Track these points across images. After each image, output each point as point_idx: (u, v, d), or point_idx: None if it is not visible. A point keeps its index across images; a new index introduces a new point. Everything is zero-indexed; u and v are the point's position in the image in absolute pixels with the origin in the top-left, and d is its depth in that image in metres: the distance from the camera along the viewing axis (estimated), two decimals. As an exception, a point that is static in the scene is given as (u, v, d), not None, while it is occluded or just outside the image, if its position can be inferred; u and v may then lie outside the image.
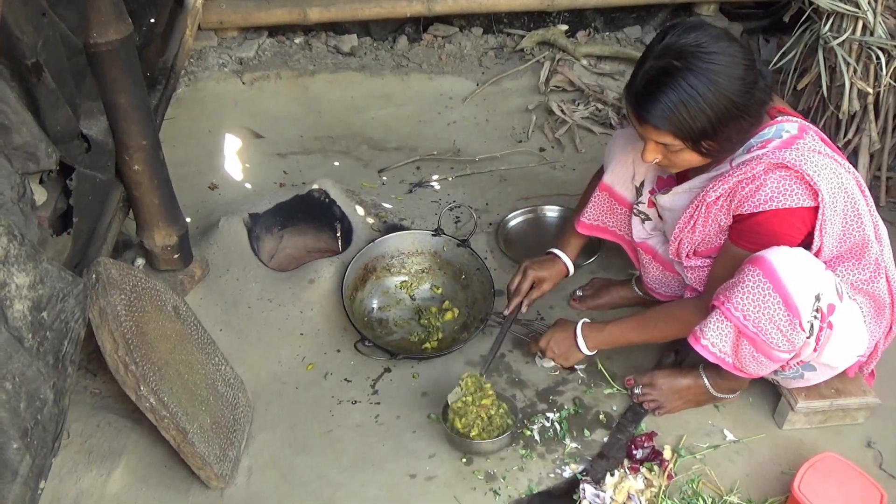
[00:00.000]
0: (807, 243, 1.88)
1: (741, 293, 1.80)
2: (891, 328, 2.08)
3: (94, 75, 1.89)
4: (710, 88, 1.73)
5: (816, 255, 1.87)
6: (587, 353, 2.20)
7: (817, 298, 1.79)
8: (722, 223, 1.95)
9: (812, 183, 1.77)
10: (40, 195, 1.63)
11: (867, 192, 1.96)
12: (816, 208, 1.80)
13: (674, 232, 2.06)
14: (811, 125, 1.94)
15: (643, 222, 2.24)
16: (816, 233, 1.84)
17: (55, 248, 1.67)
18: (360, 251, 2.58)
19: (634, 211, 2.24)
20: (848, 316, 1.89)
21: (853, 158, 2.98)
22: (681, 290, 2.20)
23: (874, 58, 2.72)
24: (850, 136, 2.93)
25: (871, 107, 2.84)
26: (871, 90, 2.76)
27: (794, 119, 1.91)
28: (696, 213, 1.97)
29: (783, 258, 1.78)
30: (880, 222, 2.01)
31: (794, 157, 1.79)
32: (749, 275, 1.80)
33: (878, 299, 1.99)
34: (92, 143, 1.87)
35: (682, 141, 1.82)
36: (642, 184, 2.21)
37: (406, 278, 2.65)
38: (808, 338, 1.83)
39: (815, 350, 1.87)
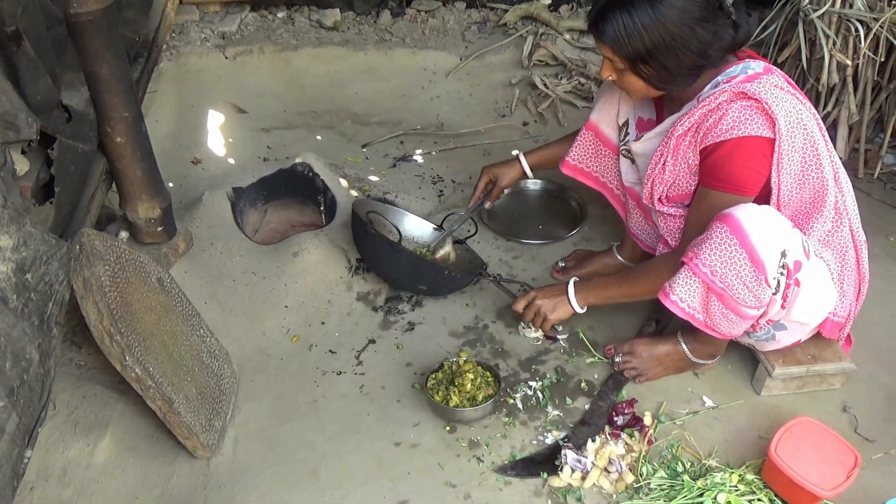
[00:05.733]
0: (767, 191, 1.93)
1: (708, 249, 1.84)
2: (860, 290, 2.11)
3: (75, 46, 1.88)
4: (649, 13, 1.83)
5: (777, 196, 1.93)
6: (577, 308, 2.22)
7: (783, 255, 1.83)
8: (691, 161, 2.00)
9: (770, 112, 1.84)
10: (22, 165, 1.63)
11: (827, 137, 2.01)
12: (774, 141, 1.86)
13: (646, 174, 2.10)
14: (778, 69, 1.99)
15: (632, 163, 2.27)
16: (774, 169, 1.90)
17: (38, 217, 1.67)
18: (362, 202, 2.57)
19: (623, 151, 2.28)
20: (815, 273, 1.92)
21: (832, 131, 3.01)
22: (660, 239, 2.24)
23: (853, 30, 2.75)
24: (829, 108, 2.96)
25: (850, 79, 2.87)
26: (849, 62, 2.78)
27: (762, 61, 1.97)
28: (665, 150, 2.02)
29: (750, 215, 1.82)
30: (841, 169, 2.04)
31: (755, 88, 1.86)
32: (717, 231, 1.84)
33: (844, 251, 2.04)
34: (73, 113, 1.87)
35: (620, 59, 1.92)
36: (626, 123, 2.25)
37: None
38: (774, 294, 1.86)
39: (782, 307, 1.90)
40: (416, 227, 2.65)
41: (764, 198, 1.95)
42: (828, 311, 2.01)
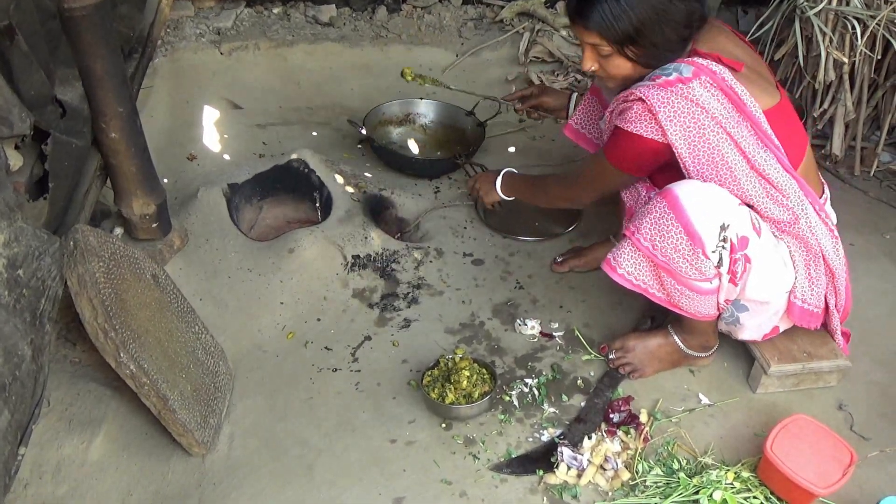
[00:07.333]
0: None
1: (648, 223, 1.89)
2: (835, 287, 2.09)
3: (69, 40, 1.87)
4: None
5: None
6: (501, 195, 2.57)
7: (723, 228, 1.85)
8: None
9: (661, 123, 1.86)
10: (16, 161, 1.62)
11: (753, 150, 1.90)
12: (667, 145, 1.90)
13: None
14: (716, 73, 1.88)
15: None
16: (686, 175, 1.93)
17: (32, 213, 1.66)
18: (404, 100, 3.26)
19: None
20: (768, 251, 1.95)
21: (829, 128, 3.01)
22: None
23: (850, 27, 2.74)
24: (825, 106, 2.96)
25: (846, 77, 2.87)
26: (846, 60, 2.78)
27: (698, 62, 1.88)
28: (606, 125, 2.10)
29: (688, 190, 1.86)
30: (777, 174, 1.93)
31: (658, 97, 1.85)
32: (655, 206, 1.88)
33: (805, 241, 2.00)
34: (67, 108, 1.86)
35: (608, 43, 1.91)
36: None
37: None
38: (717, 267, 1.89)
39: (733, 283, 1.94)
40: (445, 114, 3.22)
41: None
42: (785, 290, 2.03)
